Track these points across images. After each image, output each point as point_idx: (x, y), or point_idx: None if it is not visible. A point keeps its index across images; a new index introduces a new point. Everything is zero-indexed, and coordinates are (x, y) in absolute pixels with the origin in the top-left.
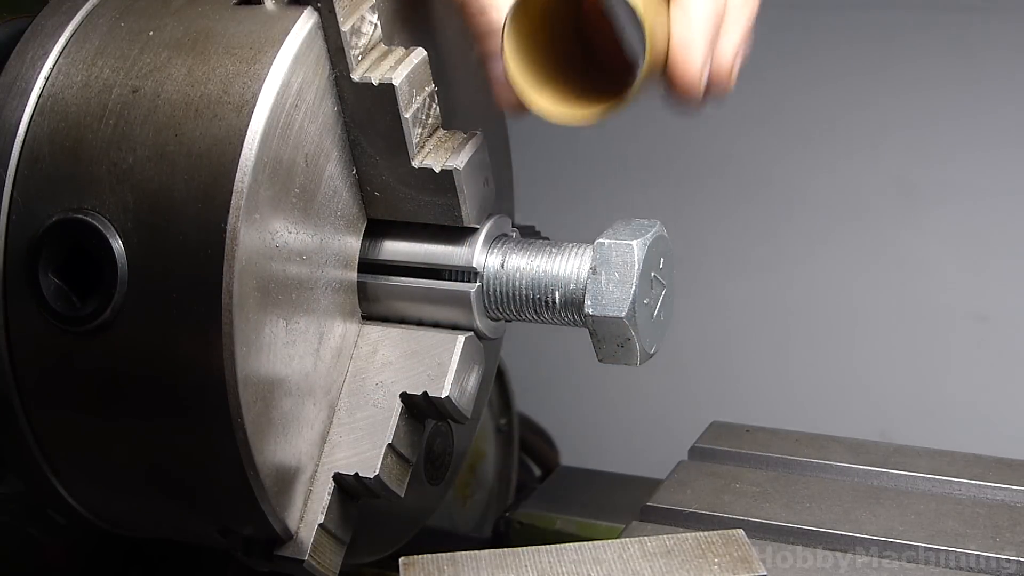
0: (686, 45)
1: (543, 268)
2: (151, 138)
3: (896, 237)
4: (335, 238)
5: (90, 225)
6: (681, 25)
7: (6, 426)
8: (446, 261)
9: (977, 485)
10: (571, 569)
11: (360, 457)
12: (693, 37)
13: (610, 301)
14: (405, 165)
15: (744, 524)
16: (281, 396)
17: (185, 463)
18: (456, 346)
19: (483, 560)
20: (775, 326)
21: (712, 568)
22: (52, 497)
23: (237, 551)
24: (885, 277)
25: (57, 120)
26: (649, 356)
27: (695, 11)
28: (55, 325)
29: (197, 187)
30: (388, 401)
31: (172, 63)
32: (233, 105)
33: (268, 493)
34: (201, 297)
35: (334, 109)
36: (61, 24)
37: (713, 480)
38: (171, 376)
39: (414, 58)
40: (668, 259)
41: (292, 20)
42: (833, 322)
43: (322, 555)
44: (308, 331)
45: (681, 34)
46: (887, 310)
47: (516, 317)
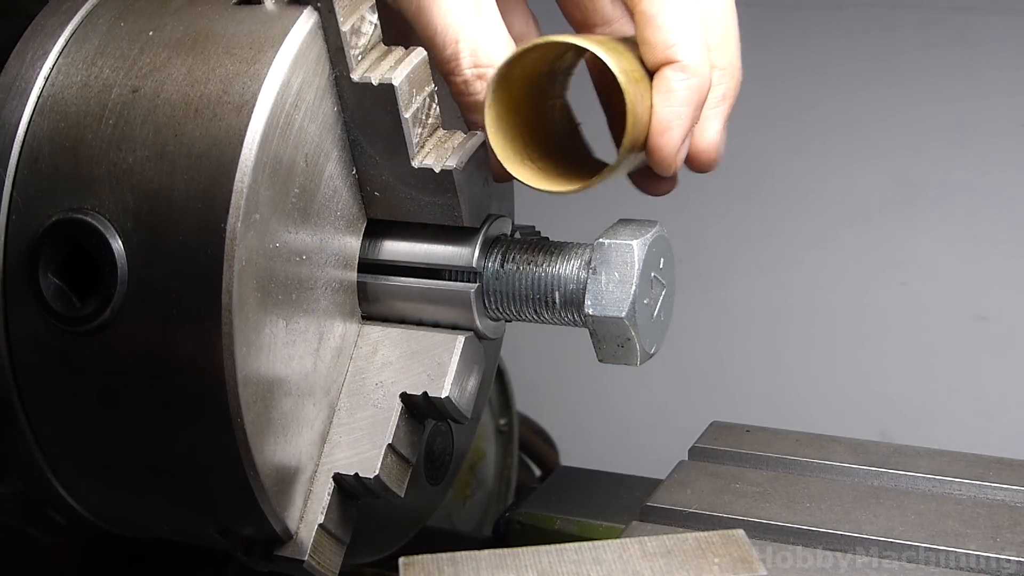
0: (667, 123)
1: (543, 268)
2: (151, 138)
3: (896, 237)
4: (335, 238)
5: (90, 225)
6: (663, 103)
7: (6, 426)
8: (446, 261)
9: (977, 485)
10: (571, 569)
11: (360, 457)
12: (674, 115)
13: (610, 301)
14: (405, 165)
15: (744, 524)
16: (281, 396)
17: (185, 463)
18: (456, 346)
19: (483, 560)
20: (775, 326)
21: (712, 568)
22: (52, 497)
23: (237, 551)
24: (885, 277)
25: (57, 120)
26: (649, 356)
27: (677, 90)
28: (55, 325)
29: (197, 187)
30: (388, 401)
31: (172, 63)
32: (233, 105)
33: (268, 493)
34: (201, 297)
35: (334, 109)
36: (61, 24)
37: (713, 480)
38: (171, 376)
39: (414, 58)
40: (668, 259)
41: (292, 20)
42: (833, 322)
43: (322, 555)
44: (308, 331)
45: (662, 112)
46: (887, 310)
47: (516, 317)
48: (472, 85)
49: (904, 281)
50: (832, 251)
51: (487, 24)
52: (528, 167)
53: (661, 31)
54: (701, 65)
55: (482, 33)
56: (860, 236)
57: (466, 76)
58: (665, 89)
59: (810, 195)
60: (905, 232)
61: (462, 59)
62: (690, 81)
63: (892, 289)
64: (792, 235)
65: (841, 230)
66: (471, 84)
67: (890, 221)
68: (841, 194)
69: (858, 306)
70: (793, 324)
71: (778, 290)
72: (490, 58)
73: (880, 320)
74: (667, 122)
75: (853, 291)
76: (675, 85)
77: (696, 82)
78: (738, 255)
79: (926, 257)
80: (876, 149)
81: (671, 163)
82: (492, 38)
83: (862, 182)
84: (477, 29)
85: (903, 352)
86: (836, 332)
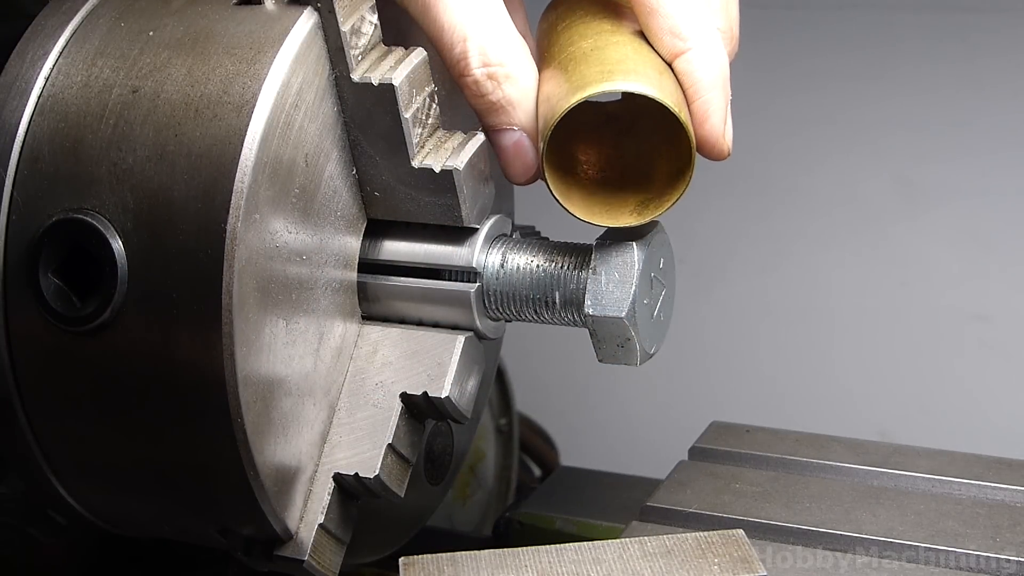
0: (704, 111)
1: (543, 268)
2: (151, 138)
3: (896, 237)
4: (335, 238)
5: (90, 225)
6: (694, 95)
7: (6, 426)
8: (446, 261)
9: (977, 485)
10: (571, 569)
11: (360, 457)
12: (708, 102)
13: (610, 301)
14: (405, 165)
15: (744, 524)
16: (281, 396)
17: (185, 463)
18: (456, 346)
19: (483, 560)
20: (775, 326)
21: (712, 568)
22: (52, 497)
23: (237, 551)
24: (885, 277)
25: (57, 120)
26: (649, 356)
27: (701, 79)
28: (55, 325)
29: (197, 187)
30: (388, 401)
31: (172, 63)
32: (233, 105)
33: (268, 493)
34: (201, 297)
35: (334, 109)
36: (61, 24)
37: (713, 480)
38: (171, 376)
39: (414, 58)
40: (668, 259)
41: (292, 20)
42: (833, 322)
43: (322, 555)
44: (308, 331)
45: (697, 104)
46: (887, 310)
47: (516, 317)
48: (483, 85)
49: (904, 281)
50: (832, 251)
51: (495, 22)
52: (578, 197)
53: (667, 19)
54: (714, 44)
55: (490, 31)
56: (860, 236)
57: (476, 76)
58: (690, 81)
59: (810, 195)
60: (905, 232)
61: (471, 58)
62: (710, 64)
63: (892, 289)
64: (792, 235)
65: (841, 230)
66: (482, 84)
67: (890, 221)
68: (841, 194)
69: (858, 306)
70: (793, 324)
71: (778, 290)
72: (499, 56)
73: (880, 320)
74: (704, 111)
75: (853, 291)
76: (698, 75)
77: (715, 62)
78: (738, 255)
79: (926, 257)
80: (876, 149)
81: (722, 146)
82: (501, 36)
83: (862, 182)
84: (485, 27)
85: (903, 352)
86: (836, 332)
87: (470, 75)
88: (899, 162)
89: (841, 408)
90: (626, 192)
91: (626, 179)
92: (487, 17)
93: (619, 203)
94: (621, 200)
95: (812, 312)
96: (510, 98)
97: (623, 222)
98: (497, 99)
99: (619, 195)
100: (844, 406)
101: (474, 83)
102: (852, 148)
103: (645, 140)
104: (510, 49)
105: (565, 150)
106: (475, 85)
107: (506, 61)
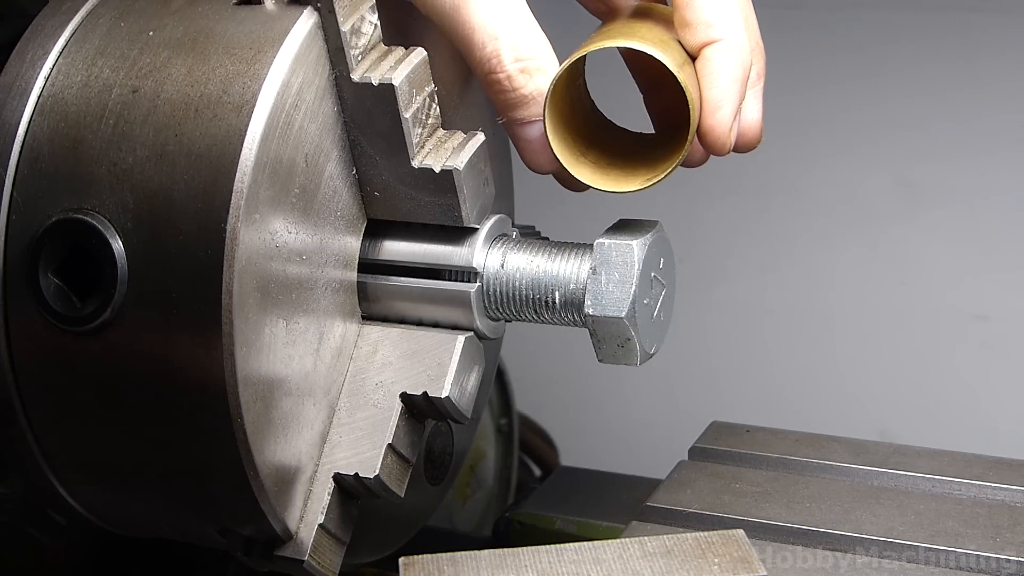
0: (718, 102)
1: (543, 268)
2: (151, 138)
3: (896, 237)
4: (335, 238)
5: (90, 225)
6: (711, 84)
7: (6, 426)
8: (446, 261)
9: (977, 485)
10: (571, 569)
11: (360, 457)
12: (723, 94)
13: (610, 301)
14: (405, 165)
15: (744, 524)
16: (281, 396)
17: (185, 463)
18: (456, 346)
19: (483, 560)
20: (775, 326)
21: (712, 568)
22: (52, 497)
23: (237, 551)
24: (885, 277)
25: (57, 120)
26: (649, 356)
27: (724, 69)
28: (55, 325)
29: (197, 187)
30: (388, 401)
31: (172, 63)
32: (233, 105)
33: (268, 493)
34: (201, 297)
35: (334, 109)
36: (61, 24)
37: (713, 480)
38: (171, 376)
39: (414, 58)
40: (668, 259)
41: (292, 20)
42: (833, 322)
43: (322, 555)
44: (308, 331)
45: (712, 93)
46: (887, 310)
47: (516, 317)
48: (516, 79)
49: (904, 281)
50: (832, 251)
51: (525, 20)
52: (587, 168)
53: (701, 11)
54: (743, 41)
55: (521, 29)
56: (860, 236)
57: (509, 71)
58: (711, 69)
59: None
60: (905, 232)
61: (504, 55)
62: (735, 58)
63: (892, 289)
64: (792, 235)
65: (841, 230)
66: (515, 79)
67: (890, 221)
68: (841, 194)
69: (858, 306)
70: (793, 324)
71: (778, 290)
72: (531, 52)
73: (880, 320)
74: (718, 101)
75: (853, 291)
76: (721, 65)
77: (740, 58)
78: (738, 255)
79: (926, 257)
80: (876, 149)
81: (725, 142)
82: (531, 34)
83: (862, 182)
84: (516, 25)
85: (903, 352)
86: (836, 332)
87: (503, 71)
88: (899, 162)
89: (841, 408)
90: (635, 164)
91: (635, 160)
92: (516, 16)
93: (627, 175)
94: (630, 171)
95: (812, 312)
96: (542, 90)
97: (629, 187)
98: (530, 91)
99: (627, 168)
100: (844, 406)
101: (507, 78)
102: (852, 148)
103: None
104: (540, 44)
105: (577, 146)
106: (508, 80)
107: (537, 55)
